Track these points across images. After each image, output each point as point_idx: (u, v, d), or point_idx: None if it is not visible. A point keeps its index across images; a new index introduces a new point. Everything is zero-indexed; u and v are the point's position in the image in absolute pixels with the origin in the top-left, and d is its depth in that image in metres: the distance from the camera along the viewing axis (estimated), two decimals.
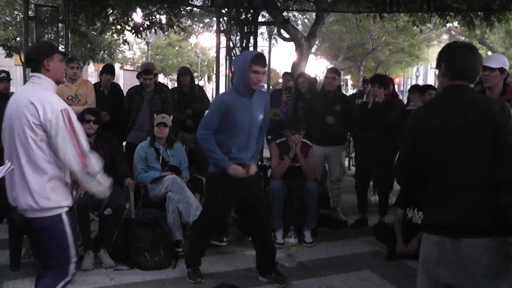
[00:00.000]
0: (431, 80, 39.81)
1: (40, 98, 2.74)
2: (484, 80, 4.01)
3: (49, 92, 2.83)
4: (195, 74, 31.30)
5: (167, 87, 8.29)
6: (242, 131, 3.87)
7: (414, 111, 2.51)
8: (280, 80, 10.09)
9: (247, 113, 3.85)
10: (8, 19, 15.06)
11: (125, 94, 6.35)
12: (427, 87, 5.90)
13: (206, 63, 36.34)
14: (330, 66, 23.56)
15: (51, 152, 2.76)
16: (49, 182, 2.77)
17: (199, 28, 19.56)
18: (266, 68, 3.93)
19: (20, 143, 2.76)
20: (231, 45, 7.89)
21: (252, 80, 3.76)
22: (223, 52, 8.31)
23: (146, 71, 5.93)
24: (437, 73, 2.49)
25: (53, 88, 2.90)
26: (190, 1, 10.81)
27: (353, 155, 8.78)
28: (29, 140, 2.73)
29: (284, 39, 12.15)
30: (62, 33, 8.79)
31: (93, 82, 6.44)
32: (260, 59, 3.79)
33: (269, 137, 6.42)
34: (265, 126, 4.14)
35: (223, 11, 8.13)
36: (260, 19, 10.63)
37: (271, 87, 18.46)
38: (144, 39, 17.08)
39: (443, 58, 2.38)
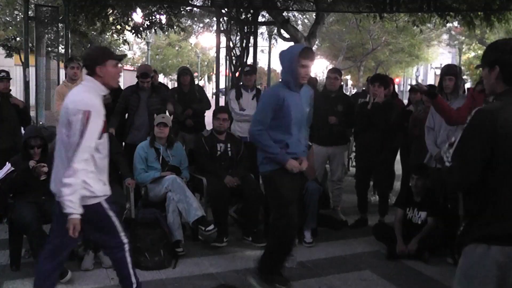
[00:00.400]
0: (431, 80, 39.79)
1: (75, 99, 3.01)
2: (482, 81, 4.01)
3: (87, 94, 3.03)
4: (195, 74, 31.30)
5: (167, 87, 8.30)
6: (295, 125, 3.85)
7: (483, 113, 2.19)
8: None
9: (298, 107, 3.84)
10: (8, 19, 15.07)
11: None
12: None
13: (206, 63, 36.37)
14: (330, 66, 23.58)
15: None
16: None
17: (199, 28, 19.56)
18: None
19: (59, 137, 3.09)
20: (231, 45, 7.89)
21: (300, 75, 3.75)
22: (223, 52, 8.33)
23: (144, 75, 5.91)
24: (483, 72, 2.41)
25: (99, 92, 3.09)
26: (190, 1, 10.82)
27: (352, 155, 8.78)
28: (63, 136, 3.03)
29: (284, 39, 12.14)
30: (62, 33, 8.80)
31: None
32: (308, 53, 3.77)
33: None
34: (310, 121, 4.13)
35: (223, 11, 8.14)
36: (260, 19, 10.64)
37: None
38: (144, 39, 17.09)
39: (499, 61, 2.25)
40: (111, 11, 10.47)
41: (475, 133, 2.17)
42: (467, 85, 9.28)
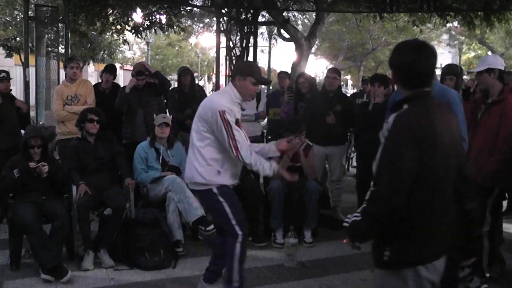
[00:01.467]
0: None
1: (208, 102, 3.51)
2: (478, 84, 4.04)
3: (221, 98, 3.46)
4: (195, 74, 31.28)
5: None
6: None
7: (408, 119, 2.06)
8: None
9: None
10: (8, 19, 15.06)
11: None
12: None
13: (206, 63, 36.32)
14: (330, 66, 23.58)
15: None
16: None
17: (199, 28, 19.55)
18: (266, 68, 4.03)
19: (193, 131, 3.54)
20: (231, 45, 7.89)
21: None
22: (223, 52, 8.33)
23: (139, 73, 5.90)
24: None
25: (233, 98, 3.45)
26: (190, 1, 10.81)
27: (352, 155, 8.77)
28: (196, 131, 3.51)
29: (284, 39, 12.15)
30: (62, 33, 8.80)
31: (93, 82, 6.43)
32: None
33: (269, 137, 6.42)
34: None
35: (223, 11, 8.14)
36: (260, 19, 10.64)
37: (271, 87, 18.42)
38: (144, 39, 17.06)
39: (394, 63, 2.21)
40: (111, 11, 10.46)
41: (403, 141, 2.02)
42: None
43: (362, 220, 2.13)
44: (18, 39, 15.40)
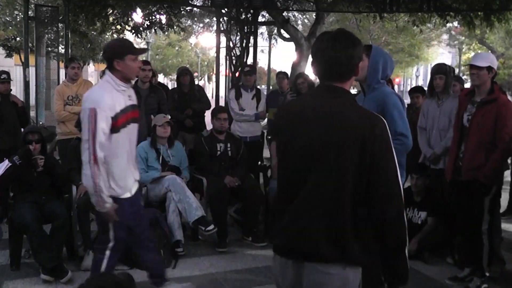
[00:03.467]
0: None
1: (87, 94, 3.16)
2: (471, 79, 4.01)
3: (100, 91, 3.15)
4: (195, 74, 31.30)
5: (167, 87, 8.29)
6: None
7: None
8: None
9: None
10: (8, 19, 15.05)
11: None
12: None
13: (206, 63, 36.33)
14: None
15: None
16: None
17: (199, 28, 19.55)
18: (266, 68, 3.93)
19: None
20: (231, 45, 7.89)
21: None
22: (223, 52, 8.33)
23: (145, 62, 5.93)
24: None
25: (115, 87, 3.16)
26: (190, 1, 10.81)
27: None
28: None
29: (284, 39, 12.16)
30: (62, 33, 8.80)
31: (93, 82, 6.43)
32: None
33: (269, 137, 6.42)
34: None
35: (223, 11, 8.14)
36: (260, 19, 10.65)
37: (271, 87, 18.43)
38: (144, 39, 17.05)
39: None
40: (111, 11, 10.46)
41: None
42: (467, 85, 9.26)
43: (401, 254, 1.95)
44: (18, 39, 15.39)
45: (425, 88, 5.39)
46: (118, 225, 3.26)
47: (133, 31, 11.61)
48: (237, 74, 7.80)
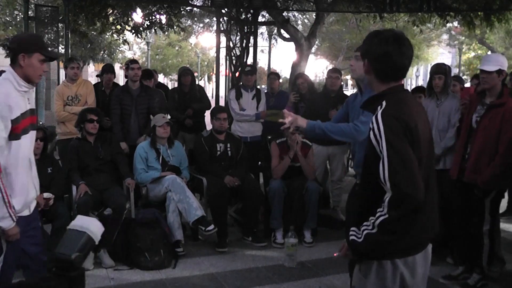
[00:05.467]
0: None
1: None
2: (482, 82, 4.01)
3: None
4: (195, 74, 31.28)
5: (167, 87, 8.30)
6: None
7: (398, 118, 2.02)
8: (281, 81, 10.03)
9: None
10: (8, 19, 15.05)
11: None
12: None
13: (206, 63, 36.31)
14: (330, 66, 23.59)
15: None
16: None
17: (199, 28, 19.53)
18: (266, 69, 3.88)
19: None
20: (231, 45, 7.88)
21: None
22: (223, 52, 8.32)
23: (132, 61, 5.95)
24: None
25: (17, 86, 2.74)
26: (190, 1, 10.80)
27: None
28: None
29: (284, 39, 12.14)
30: (62, 33, 8.78)
31: (93, 82, 6.43)
32: None
33: (269, 137, 6.41)
34: None
35: (223, 11, 8.13)
36: (260, 19, 10.63)
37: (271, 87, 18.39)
38: (144, 39, 17.07)
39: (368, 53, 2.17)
40: (111, 11, 10.46)
41: (401, 137, 1.97)
42: (467, 85, 9.26)
43: (380, 233, 1.94)
44: None
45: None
46: (10, 246, 2.79)
47: (133, 31, 11.60)
48: (237, 74, 7.80)
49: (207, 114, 6.15)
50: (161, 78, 28.57)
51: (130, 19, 11.24)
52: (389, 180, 1.90)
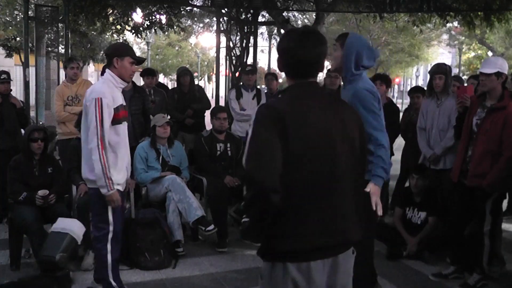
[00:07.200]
0: None
1: (89, 91, 3.47)
2: (481, 85, 4.00)
3: (101, 86, 3.46)
4: (195, 74, 31.29)
5: (167, 87, 8.30)
6: None
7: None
8: (280, 81, 10.03)
9: None
10: (8, 19, 15.06)
11: None
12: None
13: (206, 63, 36.31)
14: (330, 66, 23.58)
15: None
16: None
17: (199, 28, 19.53)
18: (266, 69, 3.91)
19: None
20: (231, 45, 7.89)
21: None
22: (223, 52, 8.33)
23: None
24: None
25: (115, 83, 3.50)
26: (190, 1, 10.81)
27: None
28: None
29: None
30: (62, 33, 8.79)
31: (93, 83, 6.43)
32: None
33: None
34: None
35: (223, 11, 8.14)
36: (260, 19, 10.63)
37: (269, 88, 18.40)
38: (144, 39, 17.07)
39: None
40: (111, 11, 10.46)
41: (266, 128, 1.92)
42: (466, 84, 9.27)
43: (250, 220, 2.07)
44: (18, 39, 15.38)
45: (425, 88, 5.39)
46: (115, 214, 3.50)
47: (133, 31, 11.61)
48: (237, 74, 7.80)
49: (207, 114, 6.15)
50: (161, 78, 28.58)
51: (130, 19, 11.25)
52: (245, 165, 1.97)
